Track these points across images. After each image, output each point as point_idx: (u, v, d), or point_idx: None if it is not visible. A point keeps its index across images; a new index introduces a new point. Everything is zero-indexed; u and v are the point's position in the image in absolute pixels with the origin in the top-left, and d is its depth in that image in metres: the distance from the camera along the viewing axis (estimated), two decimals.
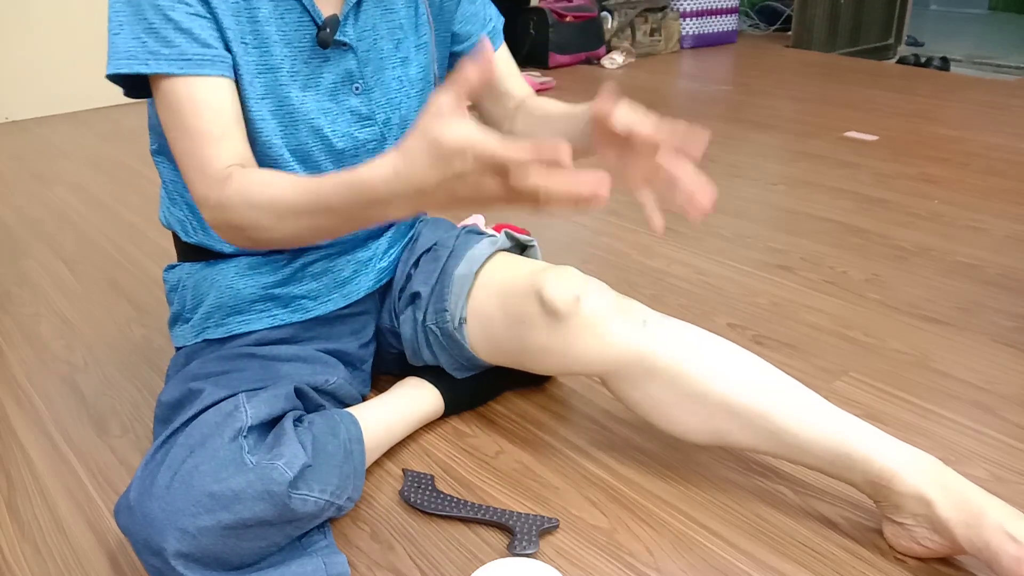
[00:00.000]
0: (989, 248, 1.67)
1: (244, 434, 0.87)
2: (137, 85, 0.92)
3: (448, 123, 0.69)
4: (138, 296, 1.59)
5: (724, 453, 1.09)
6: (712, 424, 0.95)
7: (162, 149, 1.05)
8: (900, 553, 0.91)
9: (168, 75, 0.87)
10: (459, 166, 0.69)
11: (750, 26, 4.36)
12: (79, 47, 3.01)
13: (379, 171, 0.75)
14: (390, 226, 1.15)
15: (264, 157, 0.97)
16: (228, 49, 0.90)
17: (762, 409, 0.92)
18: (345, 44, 0.98)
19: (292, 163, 0.98)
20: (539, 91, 3.15)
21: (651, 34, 3.78)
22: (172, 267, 1.11)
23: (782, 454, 0.94)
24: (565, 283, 0.99)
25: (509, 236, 1.17)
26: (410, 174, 0.72)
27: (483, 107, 1.20)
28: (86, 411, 1.23)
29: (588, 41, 3.60)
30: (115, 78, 0.89)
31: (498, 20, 1.18)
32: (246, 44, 0.91)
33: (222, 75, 0.90)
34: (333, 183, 0.79)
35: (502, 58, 1.17)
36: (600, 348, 0.97)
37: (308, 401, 1.00)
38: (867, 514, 0.97)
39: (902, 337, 1.35)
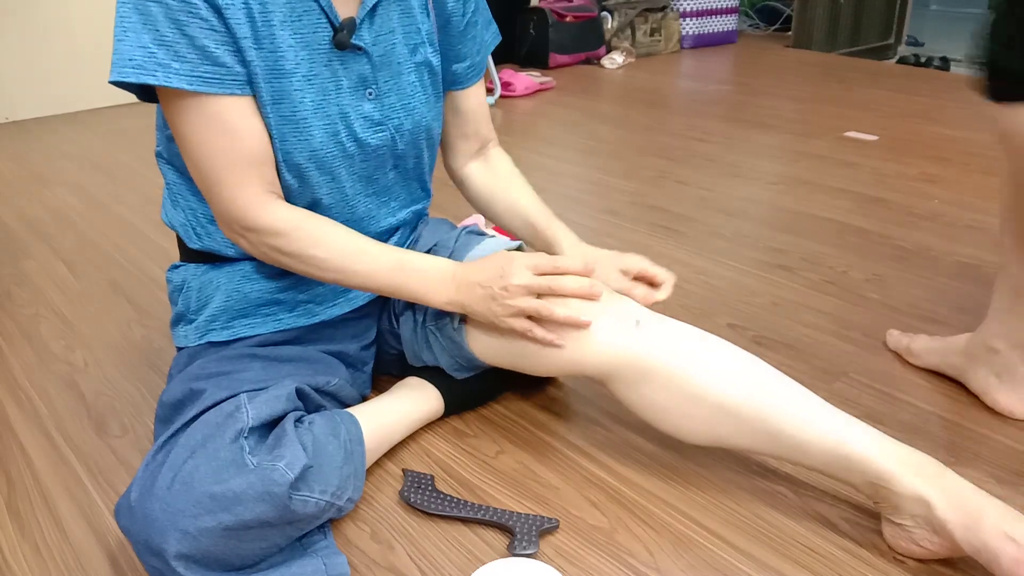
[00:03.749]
0: (989, 248, 1.67)
1: (245, 435, 0.87)
2: (149, 90, 0.92)
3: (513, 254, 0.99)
4: (138, 296, 1.59)
5: (724, 453, 1.09)
6: (710, 425, 0.95)
7: (166, 152, 1.05)
8: (899, 554, 0.91)
9: (184, 91, 0.87)
10: (505, 268, 0.97)
11: (750, 26, 4.36)
12: (79, 47, 3.01)
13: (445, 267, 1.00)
14: (395, 231, 1.15)
15: (278, 162, 0.96)
16: (243, 59, 0.90)
17: (760, 410, 0.92)
18: (360, 48, 0.97)
19: (307, 166, 0.98)
20: (539, 91, 3.15)
21: (651, 34, 3.78)
22: (176, 266, 1.11)
23: (781, 455, 0.94)
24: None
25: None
26: (467, 268, 1.00)
27: (448, 136, 1.21)
28: (86, 411, 1.23)
29: (588, 41, 3.60)
30: (122, 83, 0.89)
31: (494, 42, 1.20)
32: (260, 49, 0.90)
33: (234, 93, 0.89)
34: (405, 261, 0.99)
35: (479, 94, 1.19)
36: (592, 350, 0.97)
37: (309, 402, 1.00)
38: (867, 514, 0.97)
39: None
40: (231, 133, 0.90)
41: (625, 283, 1.11)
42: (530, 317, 0.98)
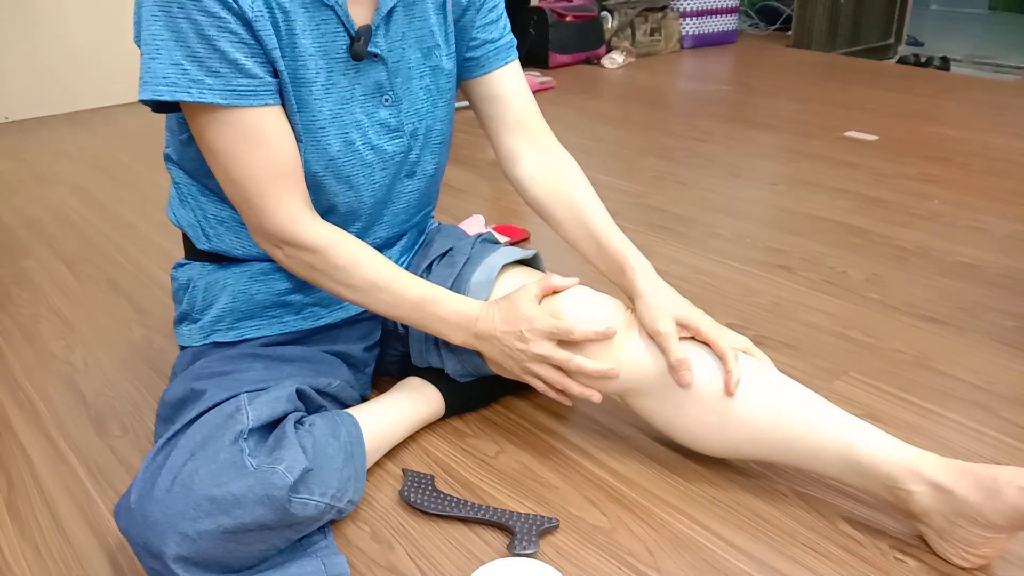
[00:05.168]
0: (989, 248, 1.67)
1: (245, 436, 0.87)
2: (168, 105, 0.91)
3: (532, 303, 0.98)
4: (138, 296, 1.59)
5: None
6: (726, 434, 0.95)
7: (175, 155, 1.04)
8: (967, 568, 0.88)
9: (218, 105, 0.86)
10: (524, 334, 0.97)
11: (750, 26, 4.36)
12: (79, 47, 3.01)
13: (467, 306, 1.00)
14: (402, 236, 1.15)
15: None
16: (274, 69, 0.89)
17: (777, 419, 0.92)
18: (376, 55, 0.96)
19: (324, 174, 0.97)
20: (539, 91, 3.15)
21: (651, 34, 3.78)
22: (182, 264, 1.10)
23: (795, 463, 0.94)
24: (580, 307, 1.00)
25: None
26: (489, 320, 0.99)
27: (489, 130, 1.12)
28: (86, 411, 1.23)
29: (588, 41, 3.60)
30: (148, 101, 0.88)
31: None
32: (284, 58, 0.90)
33: (267, 104, 0.89)
34: (438, 299, 0.99)
35: (511, 76, 1.11)
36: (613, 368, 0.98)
37: (309, 402, 1.00)
38: (867, 514, 0.97)
39: (902, 337, 1.35)
40: (267, 144, 0.89)
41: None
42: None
